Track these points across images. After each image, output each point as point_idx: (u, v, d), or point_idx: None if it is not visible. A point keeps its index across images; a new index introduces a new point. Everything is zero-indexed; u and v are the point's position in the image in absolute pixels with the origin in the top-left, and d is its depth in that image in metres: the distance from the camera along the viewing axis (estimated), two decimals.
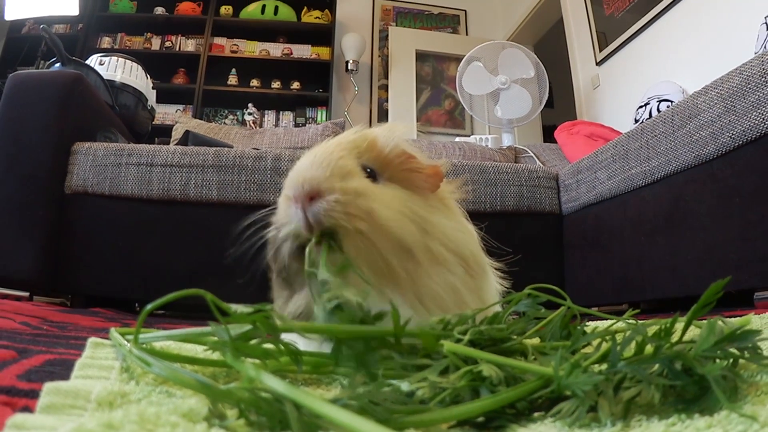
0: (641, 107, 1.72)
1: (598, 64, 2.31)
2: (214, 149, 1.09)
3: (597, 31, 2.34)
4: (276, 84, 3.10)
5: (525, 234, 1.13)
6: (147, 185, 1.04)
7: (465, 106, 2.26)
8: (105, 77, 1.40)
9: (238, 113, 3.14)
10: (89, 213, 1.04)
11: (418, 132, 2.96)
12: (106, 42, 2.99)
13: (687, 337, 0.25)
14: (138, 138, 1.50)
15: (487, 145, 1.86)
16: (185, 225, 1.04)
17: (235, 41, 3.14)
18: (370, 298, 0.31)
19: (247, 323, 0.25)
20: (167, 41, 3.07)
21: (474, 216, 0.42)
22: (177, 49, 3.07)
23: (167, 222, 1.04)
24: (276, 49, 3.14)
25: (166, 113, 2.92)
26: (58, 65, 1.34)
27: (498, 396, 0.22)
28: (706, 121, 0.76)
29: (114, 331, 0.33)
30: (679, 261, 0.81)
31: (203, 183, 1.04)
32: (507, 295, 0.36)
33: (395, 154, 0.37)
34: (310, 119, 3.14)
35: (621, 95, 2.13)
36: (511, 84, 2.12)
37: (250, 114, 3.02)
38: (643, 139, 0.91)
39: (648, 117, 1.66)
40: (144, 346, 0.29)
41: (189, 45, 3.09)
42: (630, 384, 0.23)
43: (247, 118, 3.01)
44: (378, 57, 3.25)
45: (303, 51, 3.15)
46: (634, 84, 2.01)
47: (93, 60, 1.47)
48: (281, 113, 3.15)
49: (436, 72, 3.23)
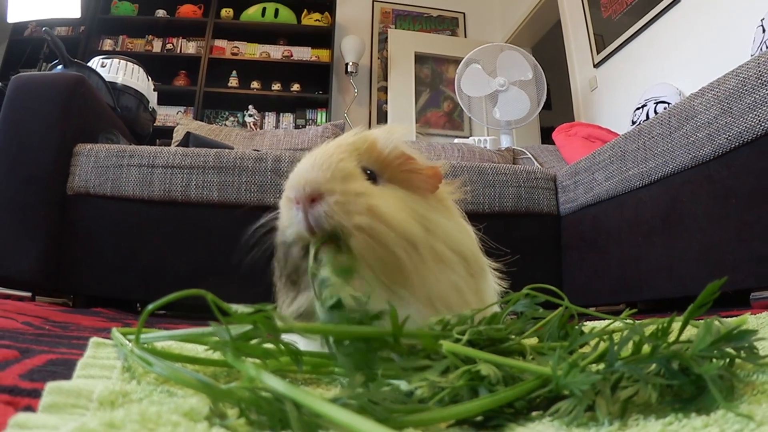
0: (638, 109, 1.73)
1: (595, 66, 2.32)
2: (214, 151, 1.09)
3: (594, 34, 2.34)
4: (276, 86, 3.10)
5: (523, 235, 1.13)
6: (148, 186, 1.04)
7: (464, 107, 2.26)
8: (107, 79, 1.40)
9: (238, 115, 3.14)
10: (91, 214, 1.04)
11: (417, 133, 2.97)
12: (107, 44, 2.99)
13: (684, 337, 0.25)
14: (139, 139, 1.50)
15: (486, 147, 1.86)
16: (186, 226, 1.05)
17: (236, 43, 3.15)
18: (378, 297, 0.31)
19: (248, 323, 0.25)
20: (168, 43, 3.08)
21: (472, 217, 0.42)
22: (178, 52, 3.08)
23: (168, 223, 1.04)
24: (276, 52, 3.15)
25: (167, 115, 2.93)
26: (60, 67, 1.34)
27: (496, 395, 0.22)
28: (702, 123, 0.77)
29: (116, 331, 0.34)
30: (676, 261, 0.81)
31: (204, 184, 1.04)
32: (505, 296, 0.36)
33: (395, 155, 0.37)
34: (310, 121, 3.14)
35: (618, 97, 2.13)
36: (510, 86, 2.12)
37: (250, 116, 3.02)
38: (641, 141, 0.91)
39: (645, 119, 1.66)
40: (145, 345, 0.29)
41: (190, 47, 3.10)
42: (627, 383, 0.23)
43: (248, 119, 3.02)
44: (377, 59, 3.26)
45: (303, 53, 3.16)
46: (631, 86, 2.01)
47: (95, 62, 1.48)
48: (281, 115, 3.16)
49: (435, 74, 3.24)
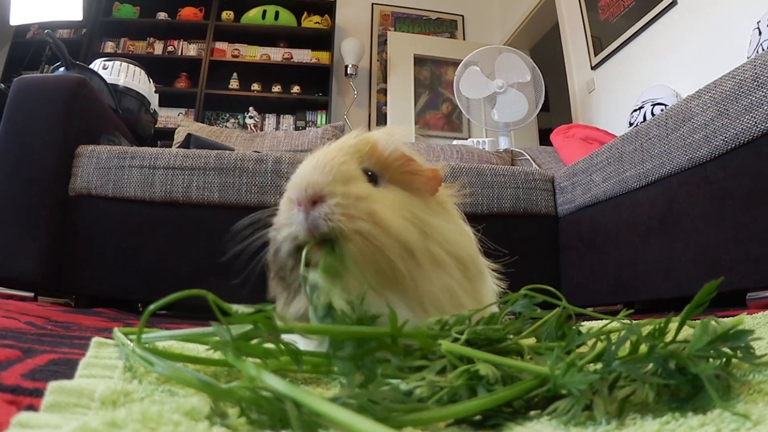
0: (635, 111, 1.73)
1: (593, 68, 2.32)
2: (215, 152, 1.09)
3: (592, 36, 2.35)
4: (276, 88, 3.11)
5: (521, 235, 1.13)
6: (150, 187, 1.04)
7: (462, 109, 2.27)
8: (108, 81, 1.40)
9: (239, 117, 3.15)
10: (93, 215, 1.04)
11: (416, 135, 2.97)
12: (109, 47, 3.00)
13: (681, 337, 0.25)
14: (141, 141, 1.50)
15: (484, 148, 1.86)
16: (187, 226, 1.05)
17: (237, 46, 3.16)
18: (369, 301, 0.32)
19: (248, 323, 0.25)
20: (169, 46, 3.09)
21: (471, 218, 0.42)
22: (179, 54, 3.09)
23: (169, 223, 1.05)
24: (276, 54, 3.16)
25: (168, 117, 2.93)
26: (62, 69, 1.35)
27: (495, 395, 0.22)
28: (699, 125, 0.77)
29: (117, 331, 0.34)
30: (673, 262, 0.81)
31: (205, 185, 1.05)
32: (504, 296, 0.36)
33: (395, 157, 0.37)
34: (310, 122, 3.15)
35: (616, 99, 2.14)
36: (508, 88, 2.13)
37: (251, 117, 3.03)
38: (638, 142, 0.91)
39: (642, 120, 1.66)
40: (147, 345, 0.29)
41: (191, 49, 3.11)
42: (624, 383, 0.23)
43: (248, 121, 3.03)
44: (377, 61, 3.27)
45: (303, 55, 3.17)
46: (628, 88, 2.01)
47: (96, 64, 1.48)
48: (282, 117, 3.16)
49: (434, 76, 3.24)
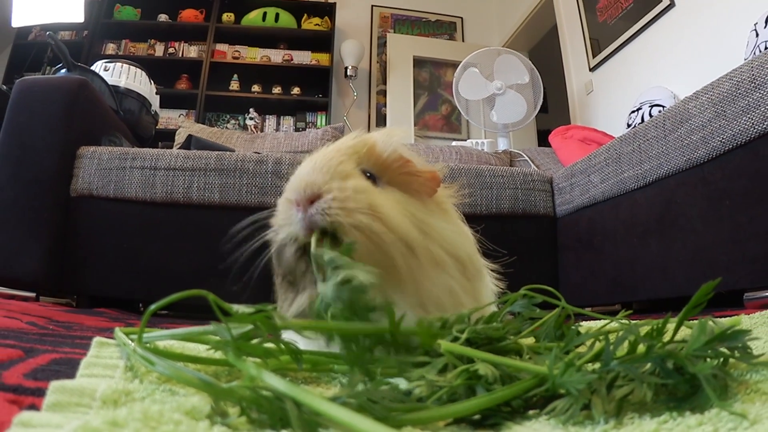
0: (633, 112, 1.73)
1: (591, 69, 2.33)
2: (216, 153, 1.09)
3: (590, 38, 2.35)
4: (277, 89, 3.12)
5: (520, 236, 1.13)
6: (151, 188, 1.04)
7: (461, 111, 2.27)
8: (110, 83, 1.41)
9: (239, 118, 3.15)
10: (94, 215, 1.05)
11: (415, 136, 2.98)
12: (110, 48, 3.00)
13: (678, 337, 0.25)
14: (142, 142, 1.50)
15: (483, 149, 1.86)
16: (188, 227, 1.05)
17: (237, 47, 3.16)
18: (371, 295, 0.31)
19: (249, 323, 0.25)
20: (170, 47, 3.10)
21: (470, 218, 0.43)
22: (180, 56, 3.09)
23: (170, 224, 1.05)
24: (277, 56, 3.17)
25: (169, 118, 2.94)
26: (63, 71, 1.35)
27: (494, 394, 0.22)
28: (696, 126, 0.77)
29: (118, 331, 0.34)
30: (671, 262, 0.81)
31: (206, 186, 1.05)
32: (502, 296, 0.36)
33: (393, 158, 0.38)
34: (310, 124, 3.15)
35: (614, 100, 2.14)
36: (507, 89, 2.13)
37: (251, 119, 3.04)
38: (636, 143, 0.91)
39: (640, 121, 1.66)
40: (148, 345, 0.29)
41: (192, 51, 3.11)
42: (623, 382, 0.23)
43: (249, 122, 3.03)
44: (376, 63, 3.28)
45: (303, 57, 3.17)
46: (626, 89, 2.02)
47: (98, 66, 1.48)
48: (282, 118, 3.17)
49: (433, 78, 3.25)
